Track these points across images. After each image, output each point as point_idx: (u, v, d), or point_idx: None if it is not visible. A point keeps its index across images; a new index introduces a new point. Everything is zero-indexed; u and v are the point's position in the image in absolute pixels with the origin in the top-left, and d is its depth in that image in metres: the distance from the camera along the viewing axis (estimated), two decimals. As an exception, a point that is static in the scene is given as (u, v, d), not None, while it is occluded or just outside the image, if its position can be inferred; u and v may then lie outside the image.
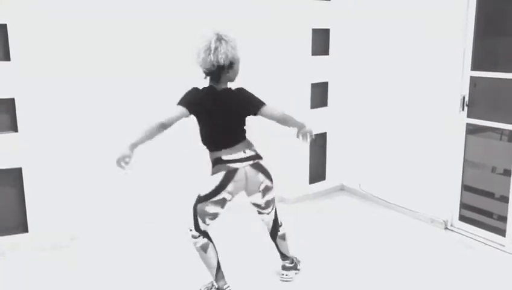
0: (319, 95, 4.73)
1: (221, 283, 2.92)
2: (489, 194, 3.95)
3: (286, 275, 3.24)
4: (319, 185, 4.92)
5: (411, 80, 4.20)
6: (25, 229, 3.63)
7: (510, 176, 3.61)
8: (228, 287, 2.94)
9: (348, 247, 3.71)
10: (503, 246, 3.65)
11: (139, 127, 2.67)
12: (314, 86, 4.65)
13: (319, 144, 4.84)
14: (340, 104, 4.85)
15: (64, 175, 3.68)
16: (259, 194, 2.92)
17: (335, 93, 4.82)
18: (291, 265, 3.26)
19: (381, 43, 4.44)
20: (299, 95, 4.57)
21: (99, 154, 3.77)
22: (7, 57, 3.36)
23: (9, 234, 3.59)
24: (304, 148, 4.70)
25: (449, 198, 4.03)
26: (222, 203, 2.81)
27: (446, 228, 4.05)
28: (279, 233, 3.13)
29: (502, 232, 3.70)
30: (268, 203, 2.98)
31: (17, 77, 3.41)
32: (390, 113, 4.45)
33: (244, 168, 2.80)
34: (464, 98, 3.83)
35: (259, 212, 3.04)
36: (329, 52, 4.69)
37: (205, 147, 2.87)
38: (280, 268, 3.28)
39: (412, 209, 4.30)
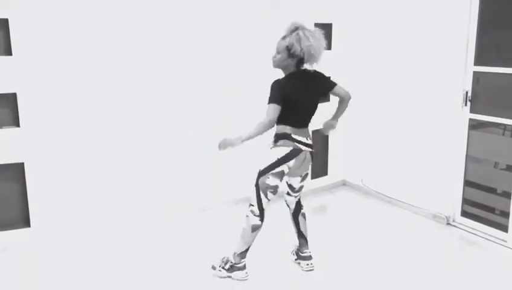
0: (321, 90, 4.70)
1: (240, 260, 3.11)
2: (492, 190, 3.94)
3: (311, 264, 3.28)
4: (321, 181, 4.91)
5: (414, 75, 4.18)
6: (27, 224, 3.64)
7: (513, 171, 3.60)
8: (244, 261, 3.12)
9: (350, 243, 3.71)
10: (506, 241, 3.65)
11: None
12: (317, 81, 4.63)
13: (321, 139, 4.83)
14: (343, 99, 4.83)
15: (66, 170, 3.68)
16: (299, 179, 3.14)
17: (337, 88, 4.79)
18: (310, 253, 3.31)
19: (384, 38, 4.42)
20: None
21: (100, 149, 3.77)
22: (9, 52, 3.36)
23: (12, 229, 3.60)
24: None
25: (451, 193, 4.02)
26: (281, 175, 2.99)
27: (448, 224, 4.04)
28: (302, 211, 3.30)
29: (504, 228, 3.69)
30: (301, 188, 3.21)
31: (19, 72, 3.41)
32: (392, 108, 4.44)
33: (306, 152, 2.99)
34: (466, 93, 3.82)
35: (288, 194, 3.23)
36: (332, 47, 4.67)
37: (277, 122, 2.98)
38: (298, 258, 3.34)
39: (414, 204, 4.29)
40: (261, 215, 3.03)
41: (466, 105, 3.84)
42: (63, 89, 3.58)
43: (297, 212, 3.28)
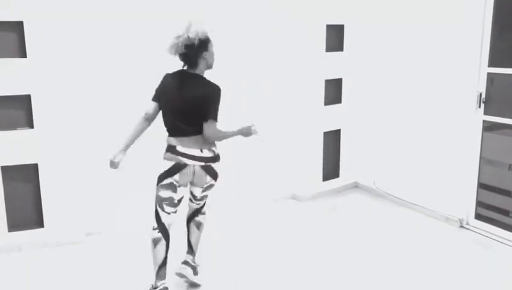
0: (333, 91, 4.70)
1: (157, 282, 2.83)
2: (506, 192, 3.90)
3: (185, 268, 3.00)
4: (333, 183, 4.89)
5: (427, 76, 4.15)
6: (40, 225, 3.67)
7: (528, 174, 3.56)
8: (163, 284, 2.83)
9: (361, 245, 3.69)
10: (520, 245, 3.61)
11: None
12: (328, 82, 4.63)
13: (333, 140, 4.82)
14: (354, 100, 4.82)
15: (79, 171, 3.71)
16: (201, 189, 2.93)
17: (349, 89, 4.79)
18: (194, 264, 3.07)
19: (396, 39, 4.40)
20: (313, 91, 4.54)
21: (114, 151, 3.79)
22: (23, 54, 3.40)
23: (26, 229, 3.63)
24: (317, 145, 4.68)
25: (465, 196, 3.98)
26: (172, 187, 2.80)
27: (461, 227, 4.01)
28: (197, 218, 3.08)
29: (518, 231, 3.65)
30: (203, 198, 3.02)
31: (33, 74, 3.44)
32: (405, 110, 4.41)
33: (194, 166, 2.78)
34: (480, 94, 3.78)
35: (191, 200, 3.04)
36: (344, 49, 4.66)
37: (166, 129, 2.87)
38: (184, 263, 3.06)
39: (427, 207, 4.26)
40: (160, 228, 2.81)
41: (480, 107, 3.80)
42: (76, 91, 3.61)
43: (191, 217, 3.08)
